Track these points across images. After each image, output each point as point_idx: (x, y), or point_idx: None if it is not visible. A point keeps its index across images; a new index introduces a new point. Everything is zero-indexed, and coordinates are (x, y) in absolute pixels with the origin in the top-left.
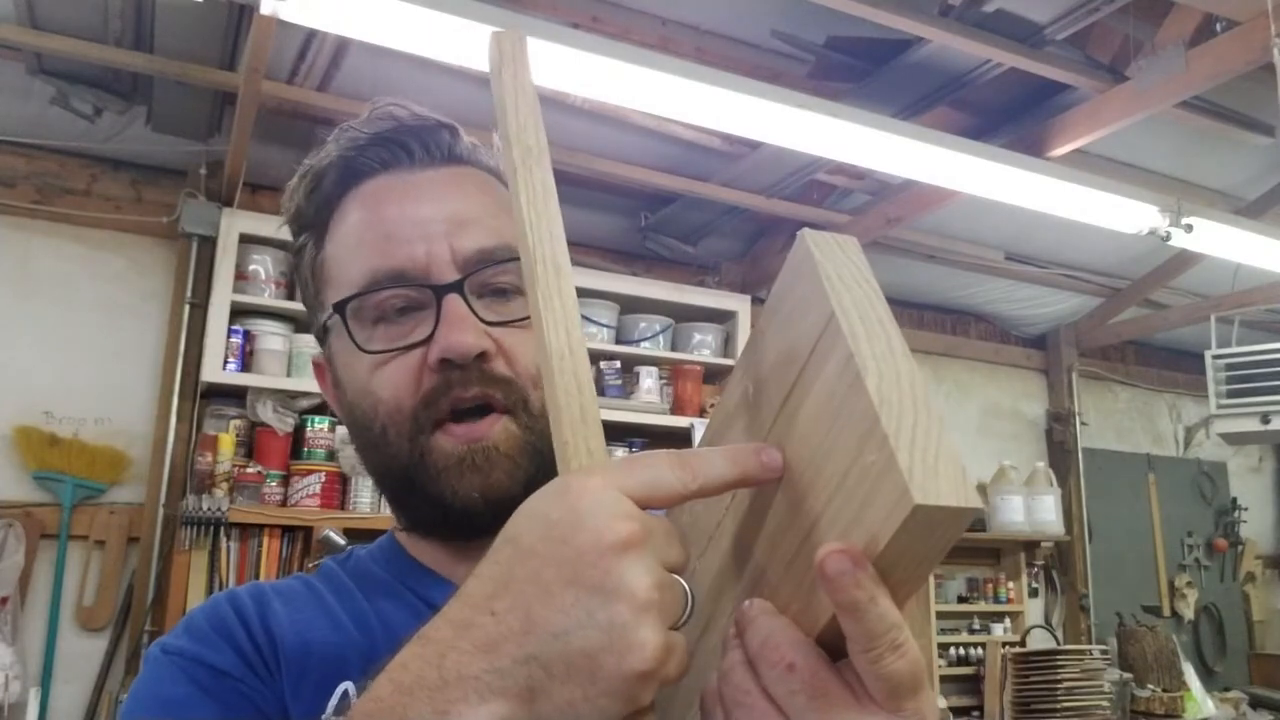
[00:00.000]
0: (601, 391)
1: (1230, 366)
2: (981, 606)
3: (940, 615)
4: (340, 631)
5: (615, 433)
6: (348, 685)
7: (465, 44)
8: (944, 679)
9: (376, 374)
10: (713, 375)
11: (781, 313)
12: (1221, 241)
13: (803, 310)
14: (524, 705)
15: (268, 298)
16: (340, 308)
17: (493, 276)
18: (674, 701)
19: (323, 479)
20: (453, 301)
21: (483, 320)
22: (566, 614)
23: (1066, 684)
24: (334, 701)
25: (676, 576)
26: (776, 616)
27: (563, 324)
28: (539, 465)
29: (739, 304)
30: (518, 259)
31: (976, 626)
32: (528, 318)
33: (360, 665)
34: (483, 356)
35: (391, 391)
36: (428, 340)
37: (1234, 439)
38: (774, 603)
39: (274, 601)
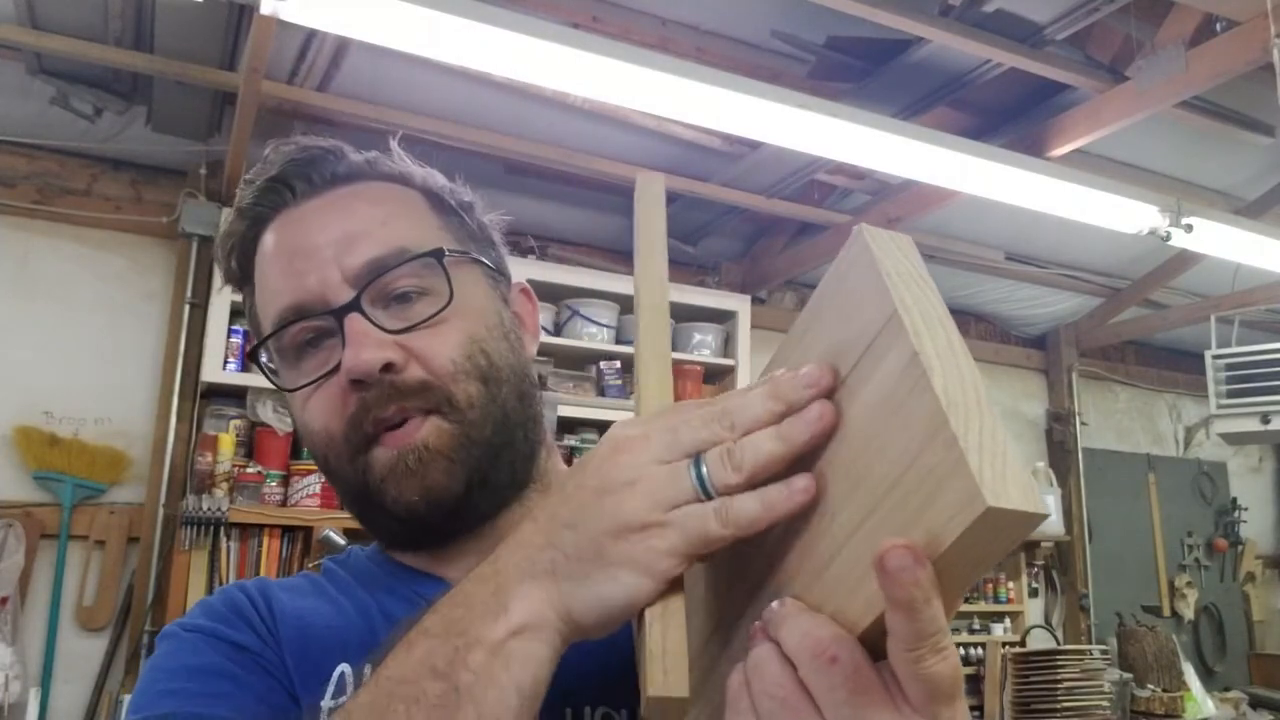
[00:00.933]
0: (601, 391)
1: (1230, 366)
2: (981, 606)
3: None
4: (342, 617)
5: None
6: (344, 667)
7: (465, 44)
8: None
9: (307, 408)
10: (713, 375)
11: (832, 307)
12: (1221, 241)
13: (857, 306)
14: (553, 582)
15: None
16: (253, 355)
17: (390, 284)
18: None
19: (323, 479)
20: (352, 321)
21: (388, 330)
22: (577, 509)
23: (1066, 684)
24: (332, 684)
25: (678, 463)
26: (816, 613)
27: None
28: (481, 458)
29: (739, 304)
30: (413, 260)
31: (976, 626)
32: (434, 315)
33: (360, 650)
34: (390, 368)
35: (322, 422)
36: (338, 367)
37: (1234, 439)
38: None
39: (278, 591)
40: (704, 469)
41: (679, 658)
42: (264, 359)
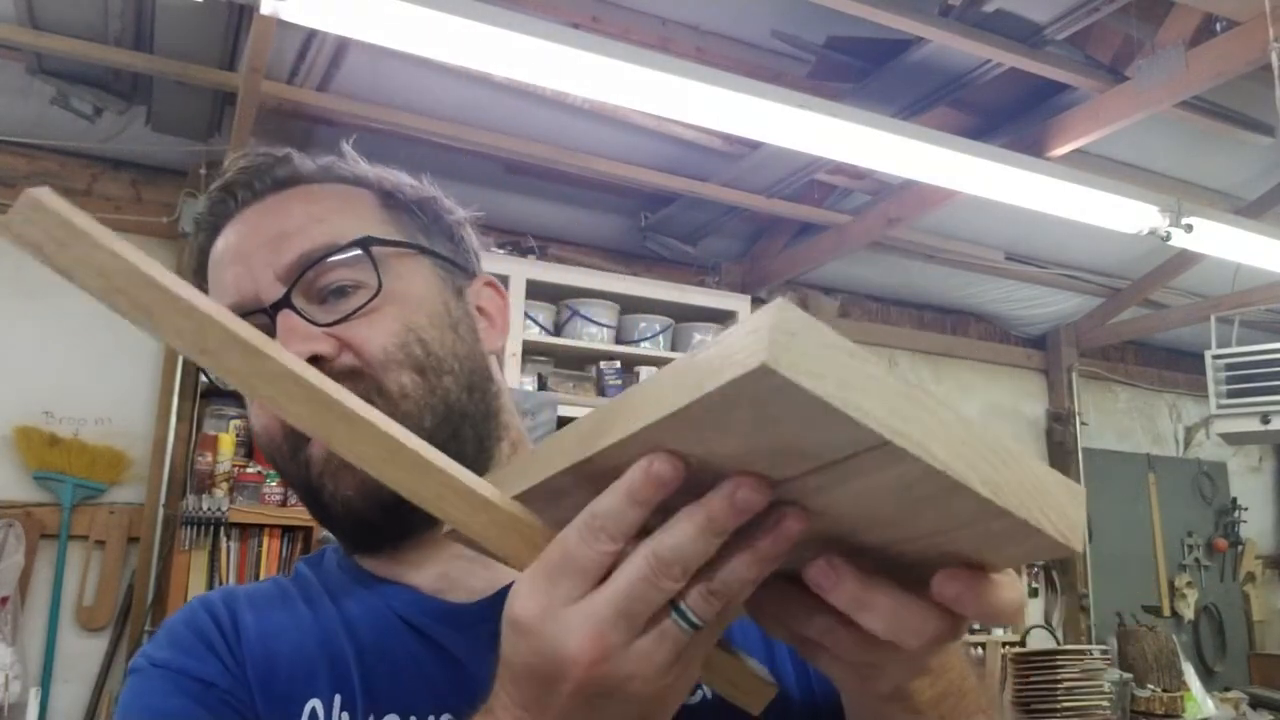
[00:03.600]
0: (602, 392)
1: (1230, 366)
2: None
3: None
4: (308, 636)
5: None
6: (315, 704)
7: (465, 44)
8: None
9: (251, 409)
10: None
11: (749, 422)
12: (1221, 241)
13: (804, 429)
14: None
15: None
16: (200, 367)
17: (321, 278)
18: None
19: None
20: (283, 317)
21: (318, 323)
22: None
23: (1066, 684)
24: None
25: (659, 628)
26: (898, 594)
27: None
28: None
29: (739, 304)
30: (339, 251)
31: (976, 626)
32: (363, 305)
33: (329, 678)
34: (320, 360)
35: (263, 422)
36: None
37: (1234, 439)
38: None
39: (244, 610)
40: (689, 614)
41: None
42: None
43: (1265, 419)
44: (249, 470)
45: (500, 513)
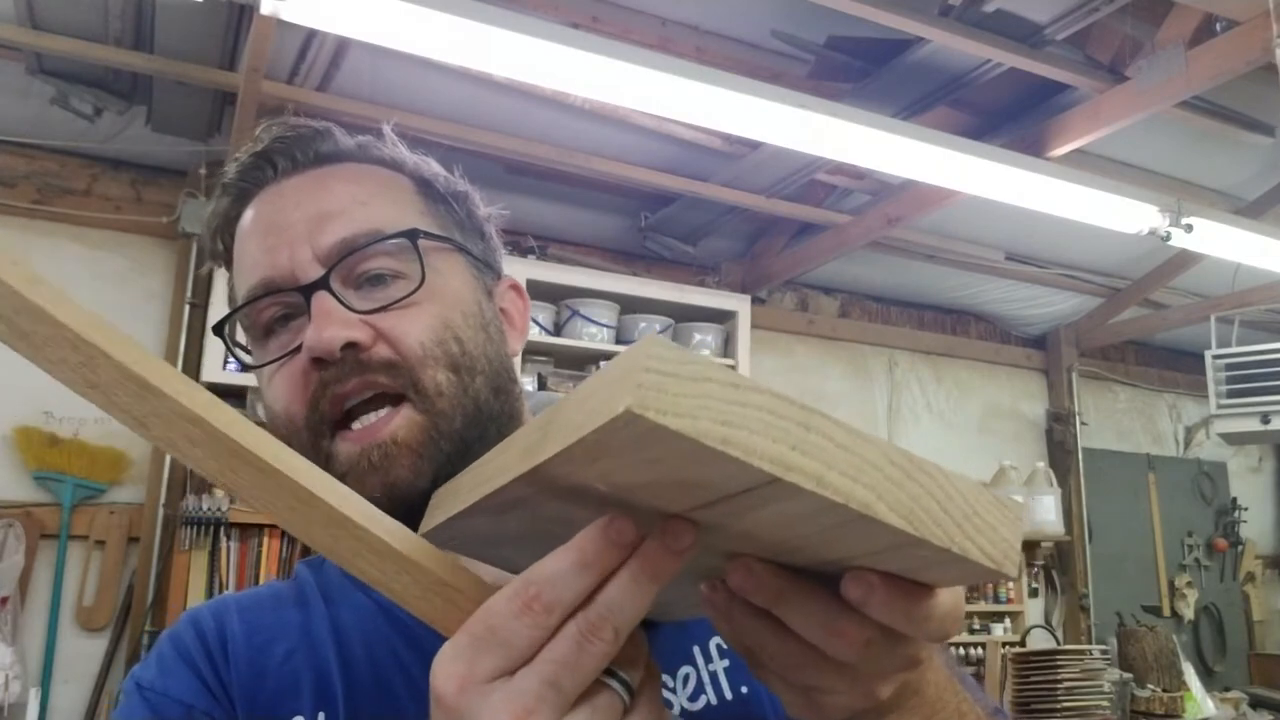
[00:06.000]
0: None
1: (1230, 366)
2: (981, 606)
3: None
4: (295, 655)
5: None
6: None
7: (465, 44)
8: None
9: (270, 387)
10: None
11: (637, 459)
12: (1221, 241)
13: (693, 466)
14: None
15: None
16: (218, 330)
17: (361, 264)
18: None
19: None
20: (320, 299)
21: (356, 310)
22: None
23: (1066, 684)
24: None
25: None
26: (820, 596)
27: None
28: (450, 452)
29: (739, 304)
30: (385, 240)
31: (976, 626)
32: (405, 297)
33: (313, 691)
34: (355, 347)
35: (283, 403)
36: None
37: (1234, 439)
38: None
39: (234, 622)
40: (626, 678)
41: None
42: (234, 336)
43: (1265, 419)
44: None
45: (424, 574)
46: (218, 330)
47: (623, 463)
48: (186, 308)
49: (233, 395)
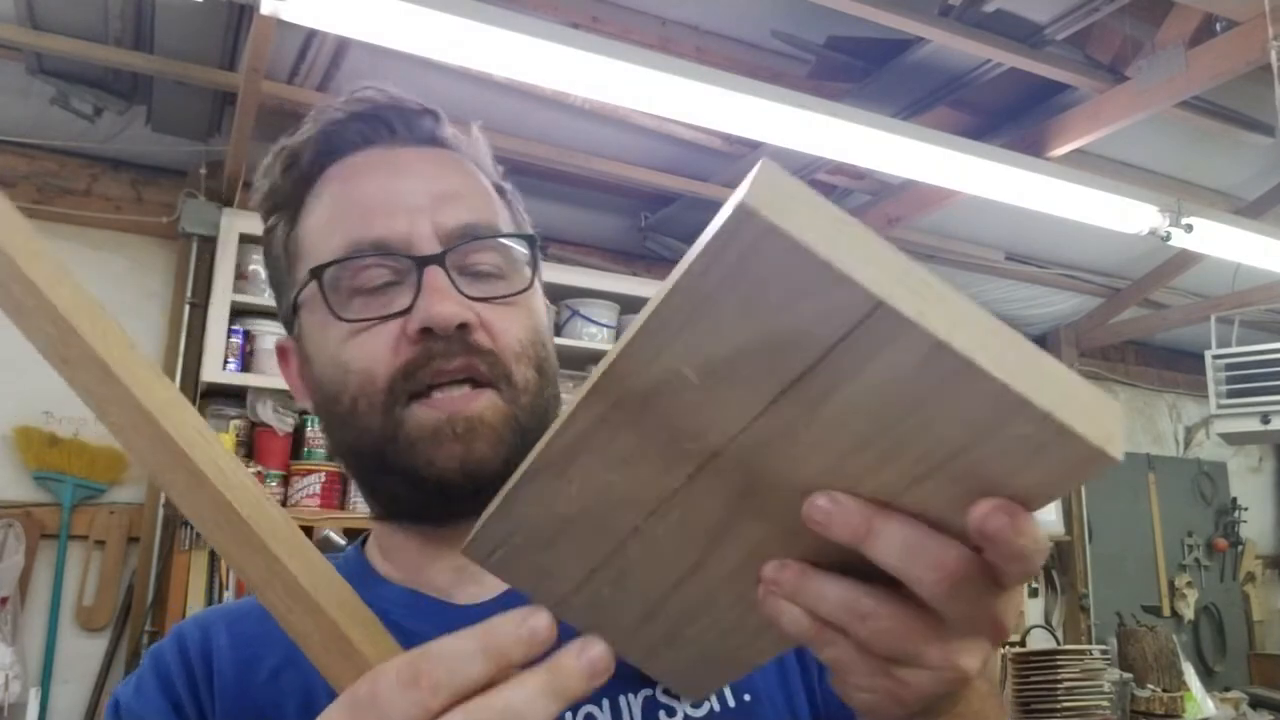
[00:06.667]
0: None
1: (1230, 366)
2: None
3: None
4: (283, 671)
5: None
6: None
7: (465, 44)
8: None
9: (349, 344)
10: None
11: (736, 298)
12: (1221, 241)
13: (791, 298)
14: None
15: (268, 298)
16: (318, 273)
17: (474, 255)
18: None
19: (323, 479)
20: (434, 273)
21: (464, 294)
22: None
23: (1066, 684)
24: None
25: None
26: (914, 523)
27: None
28: (521, 439)
29: None
30: (507, 236)
31: None
32: (512, 294)
33: (298, 710)
34: (465, 328)
35: (365, 362)
36: (406, 312)
37: (1234, 439)
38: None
39: (223, 634)
40: None
41: None
42: (297, 290)
43: (1265, 419)
44: (249, 470)
45: (327, 622)
46: (317, 273)
47: (725, 310)
48: (186, 308)
49: (232, 395)
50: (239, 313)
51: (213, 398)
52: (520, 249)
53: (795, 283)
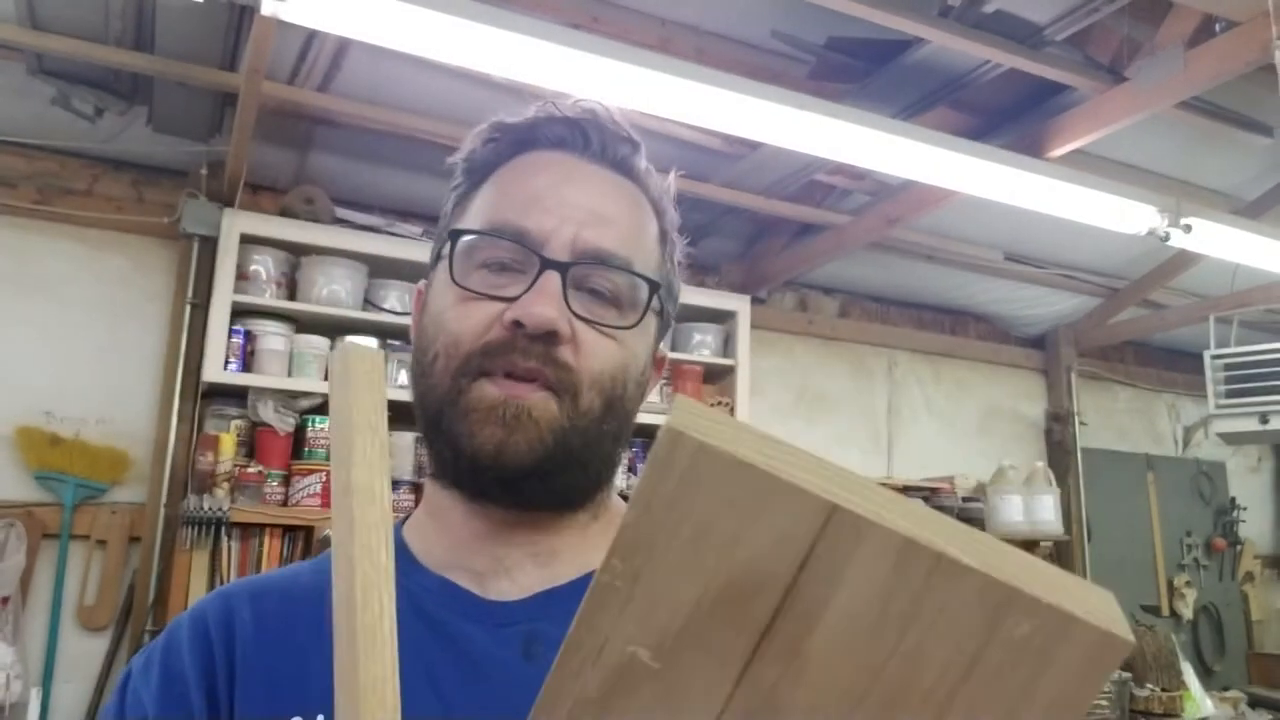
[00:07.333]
0: None
1: (1229, 366)
2: None
3: None
4: (308, 650)
5: None
6: None
7: (465, 44)
8: None
9: (455, 308)
10: (713, 375)
11: (680, 542)
12: (1220, 242)
13: (741, 524)
14: None
15: (269, 298)
16: (455, 235)
17: (597, 278)
18: None
19: (324, 479)
20: (551, 277)
21: (570, 306)
22: None
23: None
24: None
25: None
26: None
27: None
28: (562, 452)
29: (739, 304)
30: (632, 274)
31: None
32: (613, 326)
33: (320, 693)
34: (553, 336)
35: (458, 326)
36: (512, 301)
37: (1233, 439)
38: None
39: (244, 610)
40: None
41: None
42: (442, 244)
43: (1264, 419)
44: (250, 470)
45: None
46: (453, 235)
47: (666, 571)
48: (187, 308)
49: (233, 395)
50: (240, 313)
51: (214, 397)
52: (642, 291)
53: (741, 506)
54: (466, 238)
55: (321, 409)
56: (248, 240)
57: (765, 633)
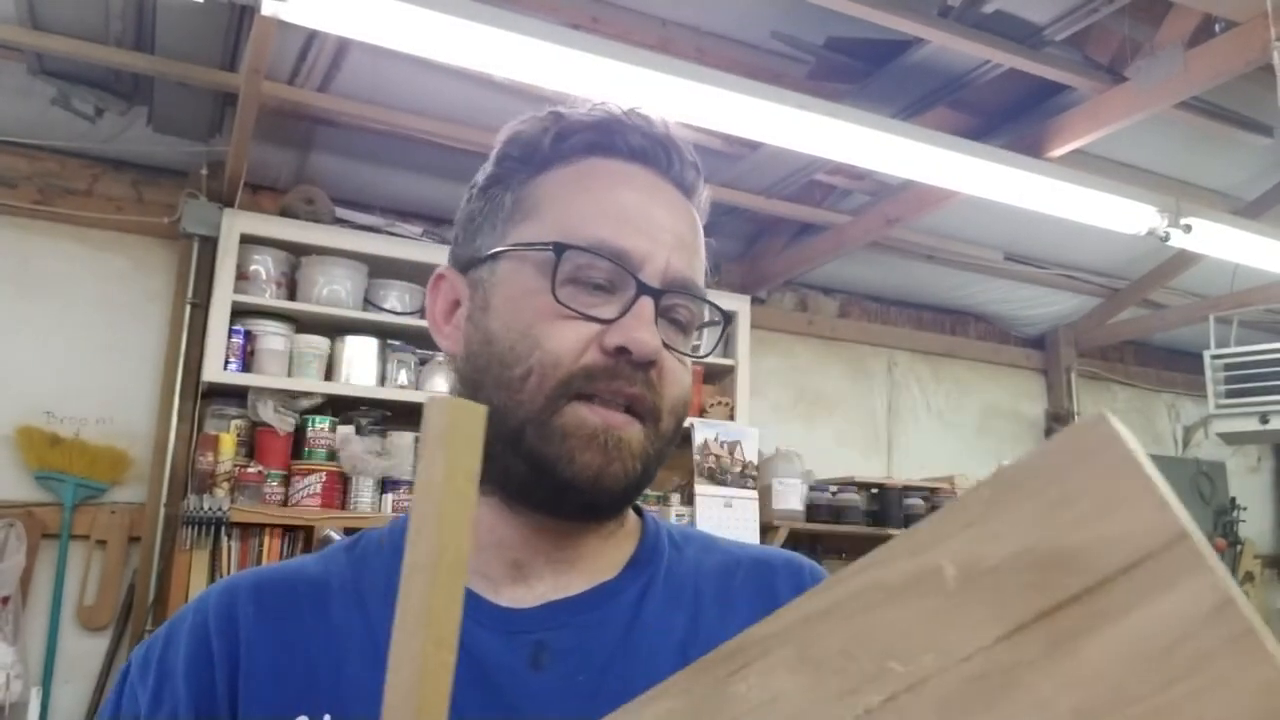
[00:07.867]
0: None
1: (1229, 366)
2: None
3: None
4: (311, 642)
5: None
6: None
7: (465, 44)
8: None
9: (550, 323)
10: (713, 375)
11: (1044, 500)
12: (1220, 242)
13: (1099, 511)
14: None
15: (269, 298)
16: (561, 249)
17: (681, 307)
18: None
19: (323, 479)
20: (647, 303)
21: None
22: None
23: None
24: None
25: None
26: None
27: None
28: (641, 477)
29: (739, 304)
30: (712, 305)
31: None
32: (687, 354)
33: (328, 692)
34: (652, 364)
35: (556, 346)
36: (608, 322)
37: (1233, 439)
38: None
39: (247, 604)
40: None
41: None
42: (507, 245)
43: (1264, 419)
44: (250, 470)
45: None
46: (560, 250)
47: (1014, 514)
48: (188, 308)
49: (233, 395)
50: (240, 313)
51: (214, 397)
52: (716, 320)
53: (1109, 494)
54: (570, 252)
55: (321, 409)
56: (248, 240)
57: (1055, 610)
